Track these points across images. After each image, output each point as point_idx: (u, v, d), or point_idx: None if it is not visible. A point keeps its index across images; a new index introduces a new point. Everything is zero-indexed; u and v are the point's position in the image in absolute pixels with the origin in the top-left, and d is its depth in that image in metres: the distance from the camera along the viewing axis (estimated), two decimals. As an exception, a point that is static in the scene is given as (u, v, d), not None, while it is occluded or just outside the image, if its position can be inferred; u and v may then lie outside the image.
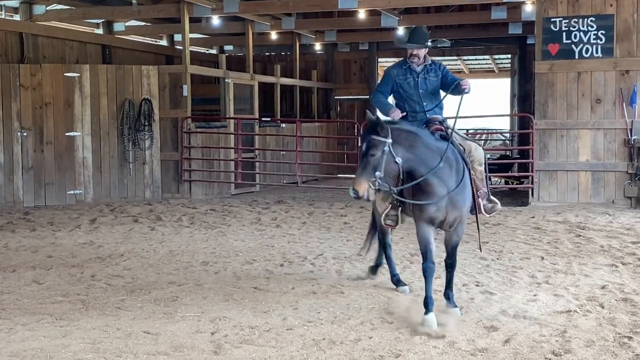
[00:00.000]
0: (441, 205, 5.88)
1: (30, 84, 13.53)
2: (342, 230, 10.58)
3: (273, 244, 9.48)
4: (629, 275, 7.48)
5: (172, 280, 7.50)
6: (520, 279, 7.39)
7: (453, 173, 5.89)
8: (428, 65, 6.52)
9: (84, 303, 6.58)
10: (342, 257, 8.56)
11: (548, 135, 12.99)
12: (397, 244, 9.37)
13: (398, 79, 6.49)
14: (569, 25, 12.76)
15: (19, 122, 13.49)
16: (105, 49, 17.70)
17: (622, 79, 12.60)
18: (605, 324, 5.78)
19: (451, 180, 5.87)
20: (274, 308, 6.34)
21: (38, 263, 8.39)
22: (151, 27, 18.91)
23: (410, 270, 7.85)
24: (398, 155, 5.63)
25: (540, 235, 9.89)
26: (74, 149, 13.82)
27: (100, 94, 13.97)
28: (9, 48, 14.99)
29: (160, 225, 11.23)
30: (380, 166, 5.59)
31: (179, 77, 14.59)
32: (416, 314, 5.96)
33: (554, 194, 12.94)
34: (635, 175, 12.36)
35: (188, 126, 14.56)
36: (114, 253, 8.97)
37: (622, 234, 9.83)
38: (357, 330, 5.70)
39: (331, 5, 15.00)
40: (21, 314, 6.23)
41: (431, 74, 6.48)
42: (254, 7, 15.99)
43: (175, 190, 14.53)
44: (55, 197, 13.68)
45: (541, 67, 13.00)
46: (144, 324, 5.91)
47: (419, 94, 6.45)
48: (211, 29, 18.37)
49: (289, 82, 19.75)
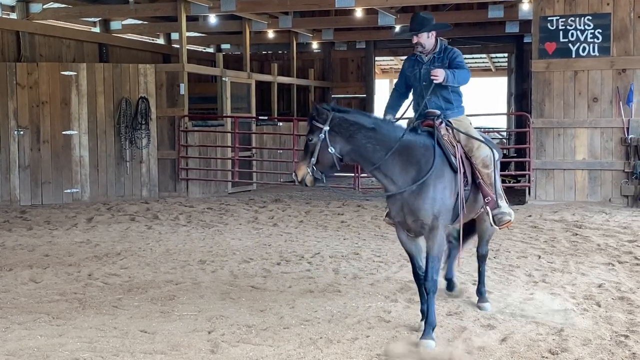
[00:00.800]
0: (396, 205, 5.53)
1: (27, 83, 13.51)
2: (339, 229, 10.58)
3: (270, 243, 9.48)
4: (626, 274, 7.49)
5: (169, 279, 7.50)
6: (517, 278, 7.40)
7: (409, 170, 5.44)
8: (436, 53, 5.91)
9: (81, 302, 6.57)
10: (339, 256, 8.56)
11: (545, 134, 13.00)
12: (393, 242, 9.38)
13: (408, 71, 6.01)
14: (566, 24, 12.77)
15: (16, 120, 13.46)
16: (102, 48, 17.67)
17: (618, 78, 12.61)
18: (602, 323, 5.79)
19: (403, 178, 5.44)
20: (270, 307, 6.34)
21: (35, 262, 8.38)
22: (148, 26, 18.88)
23: (407, 269, 7.84)
24: (334, 144, 5.36)
25: (537, 234, 9.90)
26: (70, 147, 13.80)
27: (97, 93, 13.95)
28: (5, 46, 14.95)
29: (157, 223, 11.22)
30: (314, 153, 5.38)
31: (176, 75, 14.58)
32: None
33: (551, 192, 12.95)
34: (632, 173, 12.37)
35: (185, 125, 14.55)
36: (111, 252, 8.96)
37: (619, 233, 9.84)
38: (354, 329, 5.70)
39: (328, 4, 14.99)
40: (18, 312, 6.23)
41: (437, 64, 5.85)
42: (251, 5, 15.97)
43: (172, 189, 14.52)
44: (52, 195, 13.66)
45: (538, 65, 13.01)
46: (140, 322, 5.91)
47: (422, 86, 5.87)
48: (208, 28, 18.33)
49: (286, 81, 19.74)
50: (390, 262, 8.18)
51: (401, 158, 5.45)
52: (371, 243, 9.37)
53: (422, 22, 5.84)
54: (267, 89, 19.41)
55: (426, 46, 5.90)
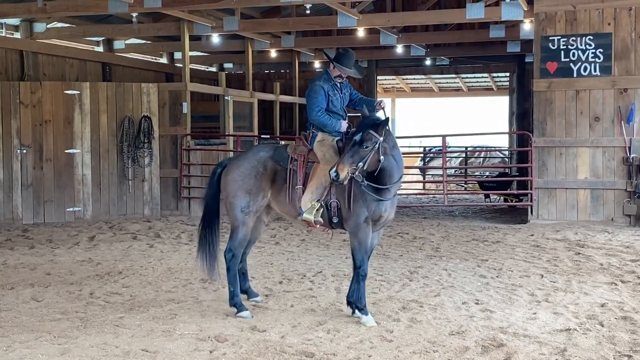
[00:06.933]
0: (386, 204, 6.52)
1: (30, 102, 13.57)
2: (341, 247, 10.57)
3: (272, 262, 9.47)
4: (629, 294, 7.47)
5: (171, 297, 7.49)
6: (519, 297, 7.37)
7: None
8: (343, 81, 7.06)
9: (83, 321, 6.55)
10: (341, 275, 8.55)
11: (547, 153, 13.01)
12: (395, 261, 9.37)
13: (329, 93, 6.90)
14: (567, 43, 12.82)
15: (19, 139, 13.51)
16: (106, 67, 17.77)
17: (620, 97, 12.64)
18: (605, 343, 5.77)
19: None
20: (272, 326, 6.32)
21: (36, 280, 8.37)
22: (151, 45, 18.98)
23: (410, 288, 7.83)
24: (384, 154, 6.28)
25: (539, 253, 9.88)
26: (73, 166, 13.83)
27: (100, 112, 14.01)
28: (9, 66, 15.05)
29: (159, 242, 11.22)
30: (366, 158, 6.20)
31: (178, 94, 14.64)
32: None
33: (553, 211, 12.94)
34: (634, 193, 12.37)
35: (187, 143, 14.59)
36: (113, 270, 8.96)
37: (622, 252, 9.82)
38: (356, 349, 5.67)
39: (330, 23, 15.08)
40: (19, 331, 6.21)
41: (345, 90, 7.07)
42: (254, 25, 16.09)
43: (174, 207, 14.53)
44: (54, 214, 13.67)
45: (540, 85, 13.05)
46: (142, 341, 5.89)
47: (344, 109, 7.05)
48: (211, 47, 18.44)
49: (289, 100, 19.81)
50: (392, 281, 8.16)
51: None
52: (373, 262, 9.34)
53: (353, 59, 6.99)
54: (269, 108, 19.47)
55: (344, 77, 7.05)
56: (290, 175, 6.74)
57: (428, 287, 7.85)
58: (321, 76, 6.97)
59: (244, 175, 6.81)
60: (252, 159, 6.90)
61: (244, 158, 6.97)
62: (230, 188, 6.85)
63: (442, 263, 9.29)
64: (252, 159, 6.90)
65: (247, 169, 6.84)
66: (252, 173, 6.82)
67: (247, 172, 6.82)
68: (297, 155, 6.79)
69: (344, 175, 6.13)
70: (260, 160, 6.86)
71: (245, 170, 6.83)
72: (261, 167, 6.83)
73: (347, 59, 6.87)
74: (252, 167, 6.84)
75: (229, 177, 6.89)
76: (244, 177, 6.81)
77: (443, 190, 14.23)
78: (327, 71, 6.97)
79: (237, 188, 6.81)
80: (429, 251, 10.25)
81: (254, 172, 6.82)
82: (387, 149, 6.31)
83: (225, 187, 6.92)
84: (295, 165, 6.75)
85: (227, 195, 6.90)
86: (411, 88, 29.17)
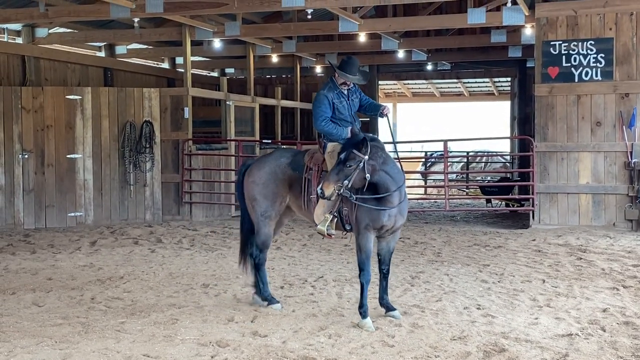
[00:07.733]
0: (391, 213, 6.57)
1: (31, 107, 13.59)
2: (342, 252, 10.57)
3: (273, 266, 9.46)
4: (631, 299, 7.46)
5: (172, 302, 7.48)
6: (521, 302, 7.37)
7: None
8: (351, 88, 7.08)
9: (84, 326, 6.55)
10: (343, 280, 8.55)
11: (548, 158, 13.01)
12: (397, 266, 9.36)
13: (334, 102, 6.94)
14: (569, 48, 12.83)
15: (21, 144, 13.52)
16: (107, 72, 17.79)
17: (621, 102, 12.64)
18: (607, 348, 5.76)
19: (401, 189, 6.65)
20: (274, 331, 6.32)
21: (38, 285, 8.37)
22: (153, 50, 19.02)
23: (411, 293, 7.82)
24: (370, 172, 6.28)
25: (541, 258, 9.87)
26: (74, 171, 13.84)
27: (101, 117, 14.03)
28: (11, 71, 15.07)
29: (161, 247, 11.22)
30: (351, 177, 6.24)
31: (180, 99, 14.65)
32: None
33: (555, 216, 12.93)
34: (635, 197, 12.36)
35: (189, 148, 14.60)
36: (114, 275, 8.95)
37: (623, 257, 9.81)
38: (357, 354, 5.67)
39: (332, 28, 15.10)
40: (21, 336, 6.21)
41: (353, 96, 7.10)
42: (255, 30, 16.10)
43: (176, 212, 14.53)
44: (56, 219, 13.68)
45: (541, 90, 13.05)
46: (143, 347, 5.89)
47: (352, 115, 7.05)
48: (213, 52, 18.47)
49: (290, 105, 19.82)
50: (394, 286, 8.15)
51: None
52: (374, 267, 9.32)
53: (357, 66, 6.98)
54: (270, 113, 19.49)
55: (349, 84, 7.07)
56: (305, 184, 6.91)
57: (430, 292, 7.85)
58: (326, 85, 7.05)
59: (264, 180, 7.10)
60: (273, 163, 7.14)
61: (266, 162, 7.22)
62: (251, 191, 7.17)
63: (444, 268, 9.29)
64: (273, 164, 7.14)
65: (267, 173, 7.11)
66: (271, 178, 7.08)
67: (267, 177, 7.10)
68: (313, 164, 6.94)
69: (330, 192, 6.23)
70: (280, 166, 7.10)
71: (265, 174, 7.11)
72: (280, 174, 7.08)
73: (350, 66, 6.90)
74: (272, 173, 7.10)
75: (250, 179, 7.20)
76: (264, 182, 7.09)
77: (444, 195, 14.24)
78: (333, 79, 7.03)
79: (257, 192, 7.12)
80: (431, 256, 10.24)
81: (273, 177, 7.08)
82: (375, 167, 6.33)
83: (247, 189, 7.24)
84: (310, 175, 6.90)
85: (248, 197, 7.22)
86: (413, 93, 29.21)
